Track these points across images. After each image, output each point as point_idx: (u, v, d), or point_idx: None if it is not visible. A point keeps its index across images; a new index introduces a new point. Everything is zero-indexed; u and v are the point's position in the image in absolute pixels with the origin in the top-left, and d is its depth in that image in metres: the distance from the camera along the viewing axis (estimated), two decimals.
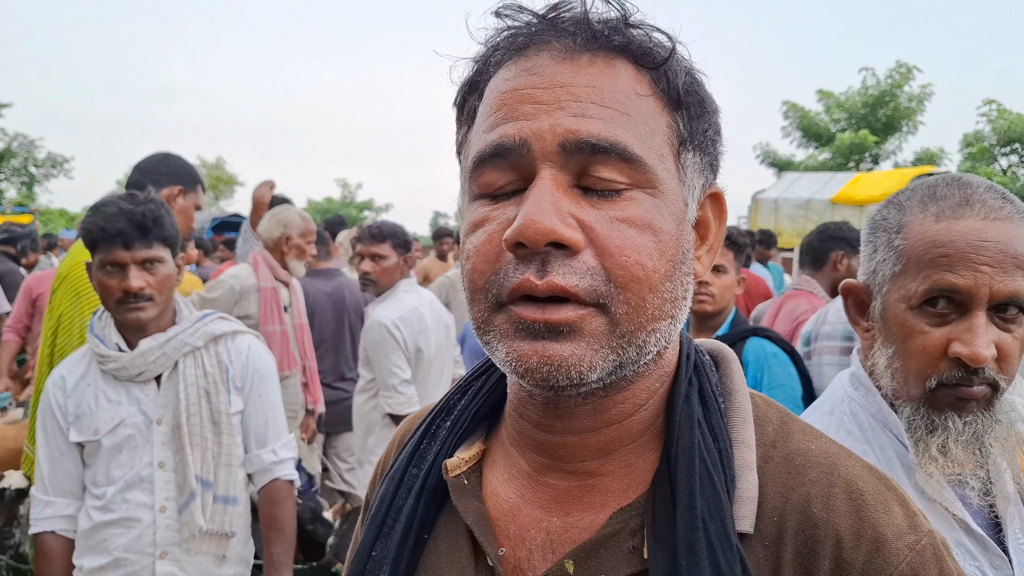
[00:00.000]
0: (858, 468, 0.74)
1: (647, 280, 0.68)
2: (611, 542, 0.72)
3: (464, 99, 0.80)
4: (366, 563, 0.83)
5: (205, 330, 2.30)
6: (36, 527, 2.25)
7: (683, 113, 0.74)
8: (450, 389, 0.93)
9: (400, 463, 0.88)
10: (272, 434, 2.39)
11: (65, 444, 2.23)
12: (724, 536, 0.68)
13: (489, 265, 0.70)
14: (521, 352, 0.68)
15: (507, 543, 0.78)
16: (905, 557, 0.67)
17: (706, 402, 0.77)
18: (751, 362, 2.91)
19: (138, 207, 2.15)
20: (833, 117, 24.46)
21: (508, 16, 0.75)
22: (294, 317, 4.37)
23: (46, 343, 2.87)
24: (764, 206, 13.64)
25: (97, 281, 2.19)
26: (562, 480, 0.78)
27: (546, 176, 0.68)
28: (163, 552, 2.19)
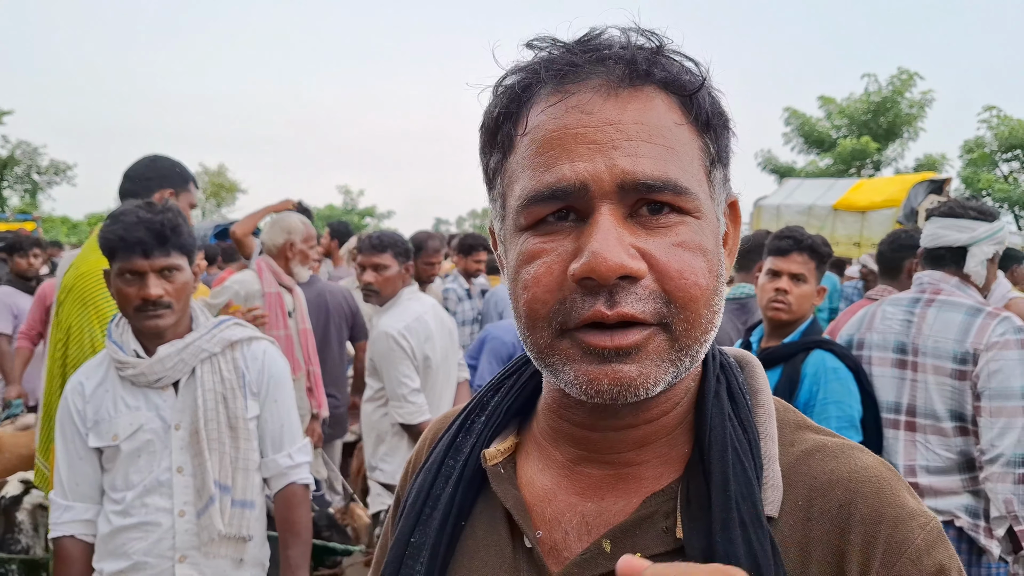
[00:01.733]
0: (871, 459, 0.80)
1: (703, 297, 0.73)
2: (646, 523, 0.77)
3: (497, 126, 0.81)
4: (405, 549, 0.87)
5: (222, 336, 2.34)
6: (55, 531, 2.28)
7: (711, 134, 0.78)
8: (483, 388, 0.98)
9: (437, 455, 0.92)
10: (288, 438, 2.43)
11: (84, 449, 2.27)
12: (756, 517, 0.73)
13: (552, 295, 0.73)
14: (592, 376, 0.72)
15: (543, 526, 0.82)
16: (919, 534, 0.73)
17: (734, 398, 0.83)
18: (808, 374, 2.88)
19: (156, 216, 2.19)
20: (835, 123, 24.53)
21: (542, 48, 0.77)
22: (298, 322, 4.40)
23: (56, 355, 2.87)
24: (766, 212, 13.69)
25: (116, 289, 2.23)
26: (597, 469, 0.83)
27: (606, 212, 0.72)
28: (182, 556, 2.22)
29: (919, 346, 2.93)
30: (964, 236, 2.97)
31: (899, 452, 2.94)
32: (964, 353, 2.82)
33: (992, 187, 22.06)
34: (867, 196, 13.12)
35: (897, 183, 13.68)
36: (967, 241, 2.97)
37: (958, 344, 2.83)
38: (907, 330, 2.99)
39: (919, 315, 2.99)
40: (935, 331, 2.91)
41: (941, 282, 3.02)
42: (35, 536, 3.63)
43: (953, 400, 2.86)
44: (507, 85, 0.79)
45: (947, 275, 3.03)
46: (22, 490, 3.65)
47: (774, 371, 2.98)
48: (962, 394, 2.84)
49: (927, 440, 2.91)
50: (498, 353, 4.47)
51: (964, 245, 2.98)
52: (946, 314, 2.92)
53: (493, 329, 4.74)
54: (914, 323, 2.98)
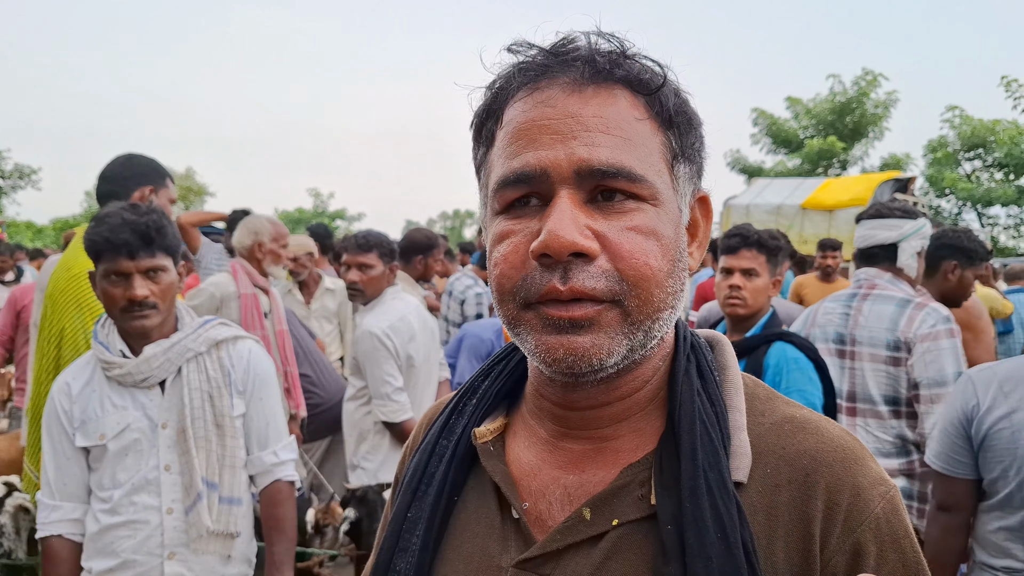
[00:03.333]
0: (838, 430, 0.86)
1: (653, 278, 0.79)
2: (623, 491, 0.83)
3: (482, 123, 0.90)
4: (402, 523, 0.93)
5: (207, 336, 2.37)
6: (43, 531, 2.29)
7: (674, 131, 0.85)
8: (474, 373, 1.04)
9: (431, 436, 0.99)
10: (273, 436, 2.46)
11: (71, 449, 2.28)
12: (722, 483, 0.79)
13: (516, 272, 0.81)
14: (549, 344, 0.79)
15: (529, 498, 0.89)
16: (879, 503, 0.80)
17: (703, 375, 0.89)
18: (771, 365, 2.98)
19: (141, 218, 2.21)
20: (802, 124, 24.86)
21: (520, 52, 0.86)
22: (274, 324, 4.40)
23: (48, 358, 2.86)
24: (736, 212, 13.86)
25: (102, 290, 2.25)
26: (578, 444, 0.89)
27: (564, 195, 0.79)
28: (171, 553, 2.24)
29: (856, 336, 3.19)
30: (893, 234, 3.24)
31: None
32: (896, 341, 3.08)
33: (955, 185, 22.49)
34: (834, 195, 13.34)
35: (863, 182, 13.92)
36: (896, 238, 3.23)
37: (890, 333, 3.10)
38: (845, 322, 3.25)
39: (855, 308, 3.25)
40: (870, 322, 3.18)
41: (876, 277, 3.27)
42: (17, 539, 3.60)
43: (888, 386, 3.12)
44: (488, 86, 0.88)
45: (881, 271, 3.28)
46: (3, 493, 3.61)
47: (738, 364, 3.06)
48: (897, 380, 3.11)
49: (867, 424, 3.15)
50: (476, 350, 4.53)
51: (894, 242, 3.24)
52: (879, 306, 3.18)
53: (471, 327, 4.79)
54: (851, 315, 3.24)
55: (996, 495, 2.22)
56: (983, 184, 22.79)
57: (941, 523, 2.37)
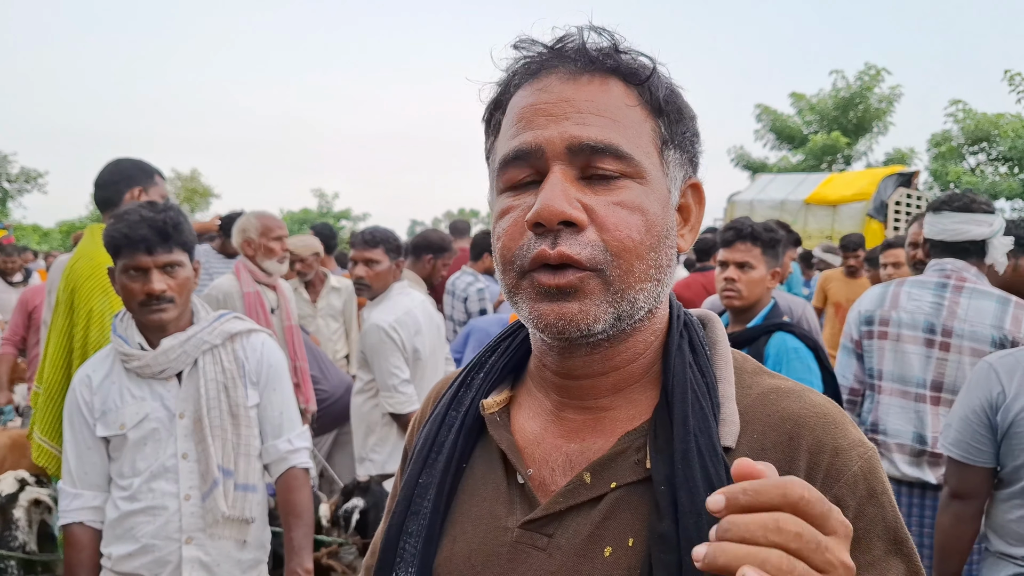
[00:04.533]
0: (820, 397, 0.92)
1: (635, 250, 0.86)
2: (620, 457, 0.90)
3: (491, 115, 0.99)
4: (414, 488, 1.00)
5: (222, 329, 2.45)
6: (65, 519, 2.38)
7: (664, 119, 0.93)
8: (482, 349, 1.11)
9: (441, 407, 1.06)
10: (287, 425, 2.53)
11: (92, 439, 2.37)
12: (712, 448, 0.85)
13: (515, 242, 0.88)
14: (541, 311, 0.86)
15: (533, 465, 0.95)
16: (857, 462, 0.86)
17: (695, 349, 0.96)
18: (771, 355, 3.03)
19: (159, 215, 2.30)
20: (805, 119, 24.85)
21: (523, 48, 0.94)
22: (282, 319, 4.49)
23: (74, 339, 2.98)
24: (740, 208, 13.90)
25: (121, 285, 2.33)
26: (578, 415, 0.95)
27: (557, 170, 0.86)
28: (188, 538, 2.33)
29: (953, 328, 3.12)
30: (986, 230, 3.16)
31: (928, 423, 3.14)
32: (1003, 338, 3.04)
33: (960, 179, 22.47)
34: (838, 190, 13.37)
35: (867, 177, 13.94)
36: (989, 234, 3.17)
37: (996, 330, 3.05)
38: (937, 312, 3.17)
39: (950, 299, 3.16)
40: (970, 316, 3.10)
41: (963, 270, 3.19)
42: (31, 533, 3.68)
43: None
44: (496, 81, 0.97)
45: (969, 265, 3.21)
46: (17, 487, 3.70)
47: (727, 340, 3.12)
48: None
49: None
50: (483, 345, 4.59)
51: (986, 238, 3.17)
52: (978, 301, 3.11)
53: (478, 322, 4.86)
54: (944, 306, 3.16)
55: (1018, 482, 2.23)
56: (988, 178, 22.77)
57: (954, 511, 2.37)
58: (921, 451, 3.15)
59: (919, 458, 3.16)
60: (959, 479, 2.36)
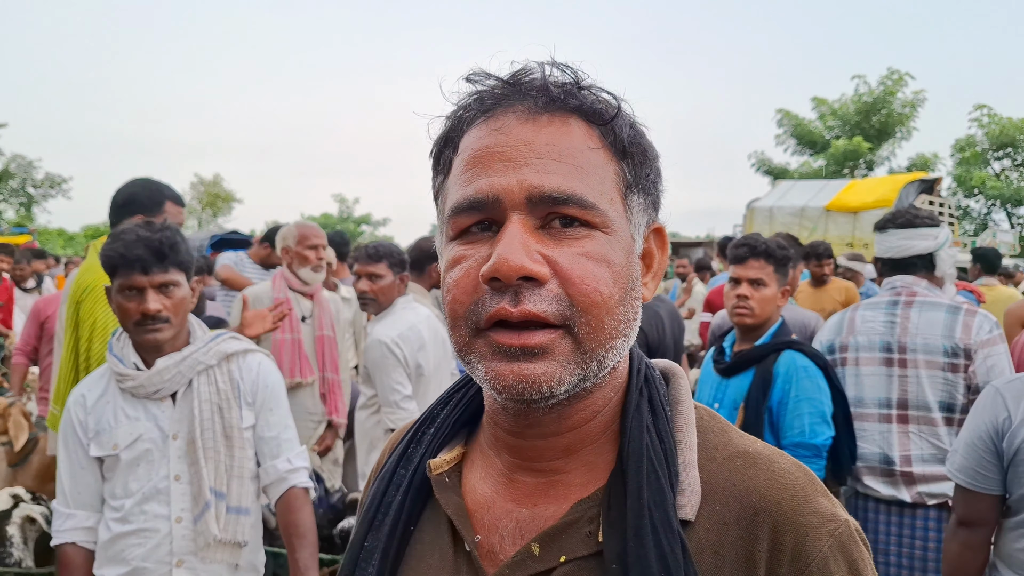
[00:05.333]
0: (791, 465, 0.85)
1: (604, 304, 0.79)
2: (571, 528, 0.83)
3: (440, 151, 0.91)
4: (359, 552, 0.94)
5: (218, 349, 2.42)
6: (58, 539, 2.36)
7: (628, 162, 0.86)
8: (434, 401, 1.04)
9: (389, 465, 0.99)
10: (285, 445, 2.50)
11: (86, 459, 2.35)
12: (667, 522, 0.78)
13: (468, 296, 0.81)
14: (499, 372, 0.79)
15: (482, 531, 0.89)
16: (827, 541, 0.79)
17: (655, 410, 0.88)
18: (780, 374, 3.01)
19: (155, 234, 2.27)
20: (827, 124, 24.69)
21: (477, 81, 0.86)
22: (315, 328, 4.52)
23: (80, 352, 2.98)
24: (759, 215, 13.80)
25: (116, 304, 2.31)
26: (531, 477, 0.89)
27: (515, 220, 0.79)
28: (179, 560, 2.30)
29: (906, 344, 3.15)
30: (930, 243, 3.22)
31: (893, 444, 3.14)
32: (954, 347, 3.05)
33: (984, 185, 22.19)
34: (859, 197, 13.25)
35: (888, 183, 13.81)
36: (934, 247, 3.23)
37: (946, 339, 3.07)
38: (891, 330, 3.20)
39: (901, 316, 3.20)
40: (921, 329, 3.13)
41: (913, 285, 3.24)
42: (26, 550, 3.67)
43: (945, 392, 3.09)
44: (447, 115, 0.89)
45: (918, 279, 3.26)
46: (11, 504, 3.68)
47: (747, 373, 3.10)
48: (954, 386, 3.08)
49: (920, 431, 3.12)
50: None
51: (932, 251, 3.23)
52: (928, 313, 3.15)
53: None
54: (897, 323, 3.19)
55: None
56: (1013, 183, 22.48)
57: (962, 539, 2.31)
58: (891, 471, 3.14)
59: (892, 478, 3.14)
60: (965, 506, 2.30)
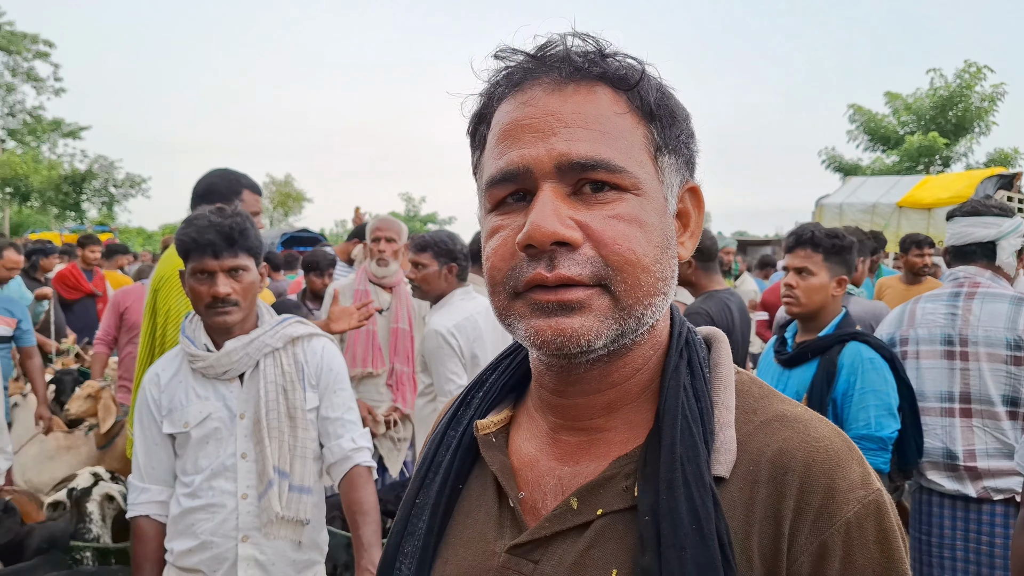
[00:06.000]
0: (827, 430, 0.86)
1: (639, 263, 0.82)
2: (609, 483, 0.86)
3: (475, 128, 0.95)
4: (411, 509, 0.99)
5: (284, 332, 2.50)
6: (132, 511, 2.47)
7: (656, 124, 0.88)
8: (484, 368, 1.09)
9: (440, 427, 1.05)
10: (349, 426, 2.55)
11: (159, 435, 2.45)
12: (699, 476, 0.80)
13: (505, 263, 0.85)
14: (538, 328, 0.82)
15: (526, 488, 0.93)
16: (853, 508, 0.79)
17: (693, 371, 0.90)
18: (845, 365, 2.96)
19: (226, 220, 2.36)
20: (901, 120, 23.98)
21: (505, 58, 0.90)
22: (390, 320, 4.65)
23: (155, 337, 3.11)
24: (828, 211, 13.49)
25: (189, 287, 2.41)
26: (573, 436, 0.92)
27: (546, 189, 0.82)
28: (245, 536, 2.38)
29: (968, 336, 3.09)
30: (992, 231, 3.17)
31: (957, 438, 3.08)
32: (1017, 340, 3.00)
33: None
34: (933, 193, 12.84)
35: (964, 179, 13.35)
36: (995, 236, 3.17)
37: (1009, 332, 3.01)
38: (952, 323, 3.14)
39: (963, 308, 3.14)
40: (983, 321, 3.07)
41: (976, 275, 3.19)
42: (104, 526, 3.84)
43: (1008, 385, 3.03)
44: (479, 92, 0.93)
45: (980, 269, 3.20)
46: (92, 482, 3.87)
47: (810, 364, 3.05)
48: (1018, 379, 3.02)
49: (984, 425, 3.06)
50: None
51: (993, 240, 3.18)
52: (991, 305, 3.08)
53: None
54: (959, 315, 3.13)
55: None
56: None
57: None
58: (954, 466, 3.06)
59: (956, 472, 3.07)
60: None
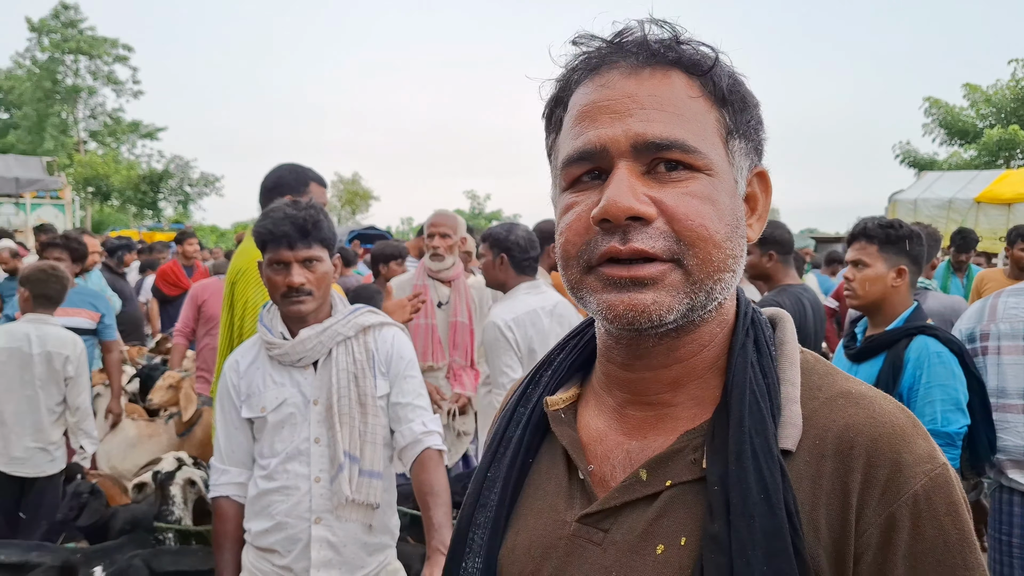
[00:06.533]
0: (892, 406, 0.87)
1: (711, 239, 0.85)
2: (677, 455, 0.89)
3: (552, 111, 0.99)
4: (483, 482, 1.04)
5: (356, 322, 2.58)
6: (213, 492, 2.59)
7: (728, 109, 0.91)
8: (552, 347, 1.12)
9: (510, 405, 1.09)
10: (419, 411, 2.61)
11: (238, 419, 2.55)
12: (767, 448, 0.83)
13: (580, 237, 0.88)
14: (611, 302, 0.85)
15: (595, 462, 0.96)
16: (921, 481, 0.81)
17: (759, 348, 0.93)
18: (911, 360, 2.91)
19: (300, 212, 2.45)
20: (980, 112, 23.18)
21: (583, 43, 0.93)
22: (449, 314, 4.71)
23: (234, 328, 3.24)
24: (902, 207, 13.11)
25: (266, 277, 2.50)
26: (641, 411, 0.95)
27: (622, 167, 0.86)
28: (317, 518, 2.46)
29: None
30: None
31: None
32: None
33: None
34: (1013, 187, 12.37)
35: None
36: None
37: None
38: None
39: None
40: None
41: None
42: (186, 509, 3.99)
43: None
44: (556, 77, 0.97)
45: None
46: (175, 466, 4.03)
47: (878, 358, 3.00)
48: None
49: None
50: None
51: None
52: None
53: None
54: None
55: None
56: None
57: None
58: None
59: None
60: None
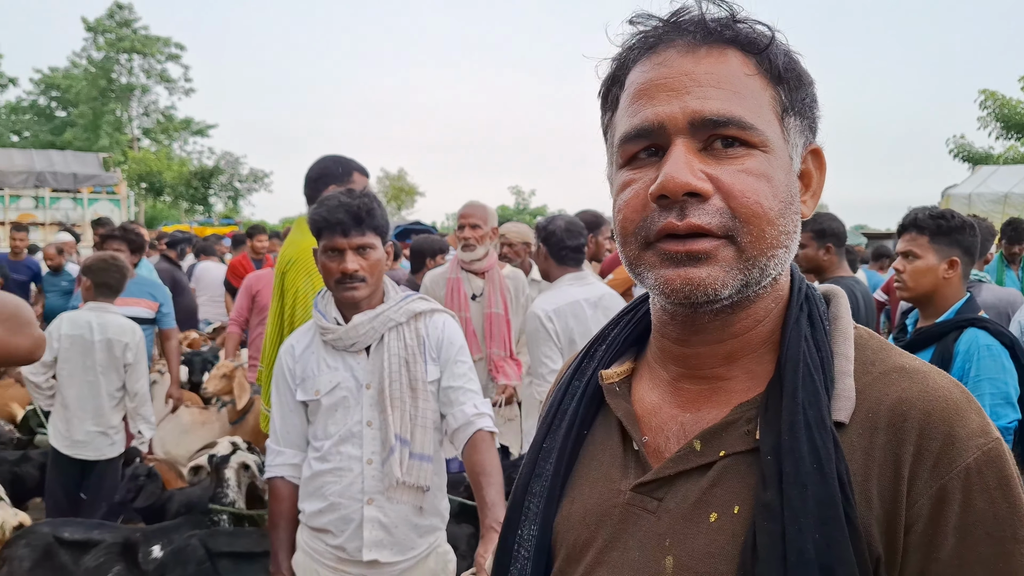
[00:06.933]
0: (946, 380, 0.88)
1: (765, 215, 0.86)
2: (731, 427, 0.91)
3: (608, 90, 1.00)
4: (539, 452, 1.06)
5: (407, 308, 2.63)
6: (269, 472, 2.66)
7: (784, 87, 0.92)
8: (607, 323, 1.14)
9: (565, 378, 1.11)
10: (470, 394, 2.65)
11: (293, 402, 2.62)
12: (820, 420, 0.84)
13: (637, 214, 0.90)
14: (667, 277, 0.87)
15: (649, 433, 0.98)
16: (973, 454, 0.81)
17: (813, 323, 0.94)
18: (961, 352, 2.88)
19: (354, 201, 2.51)
20: None
21: (640, 22, 0.95)
22: (484, 306, 4.71)
23: (284, 316, 3.32)
24: (956, 202, 12.82)
25: (321, 264, 2.57)
26: (695, 385, 0.97)
27: (679, 144, 0.87)
28: (370, 499, 2.51)
29: None
30: None
31: None
32: None
33: None
34: None
35: None
36: None
37: None
38: None
39: None
40: None
41: None
42: (239, 492, 4.10)
43: None
44: (613, 56, 0.99)
45: None
46: (230, 450, 4.14)
47: (928, 351, 2.97)
48: None
49: None
50: None
51: None
52: None
53: None
54: None
55: None
56: None
57: None
58: None
59: None
60: None
